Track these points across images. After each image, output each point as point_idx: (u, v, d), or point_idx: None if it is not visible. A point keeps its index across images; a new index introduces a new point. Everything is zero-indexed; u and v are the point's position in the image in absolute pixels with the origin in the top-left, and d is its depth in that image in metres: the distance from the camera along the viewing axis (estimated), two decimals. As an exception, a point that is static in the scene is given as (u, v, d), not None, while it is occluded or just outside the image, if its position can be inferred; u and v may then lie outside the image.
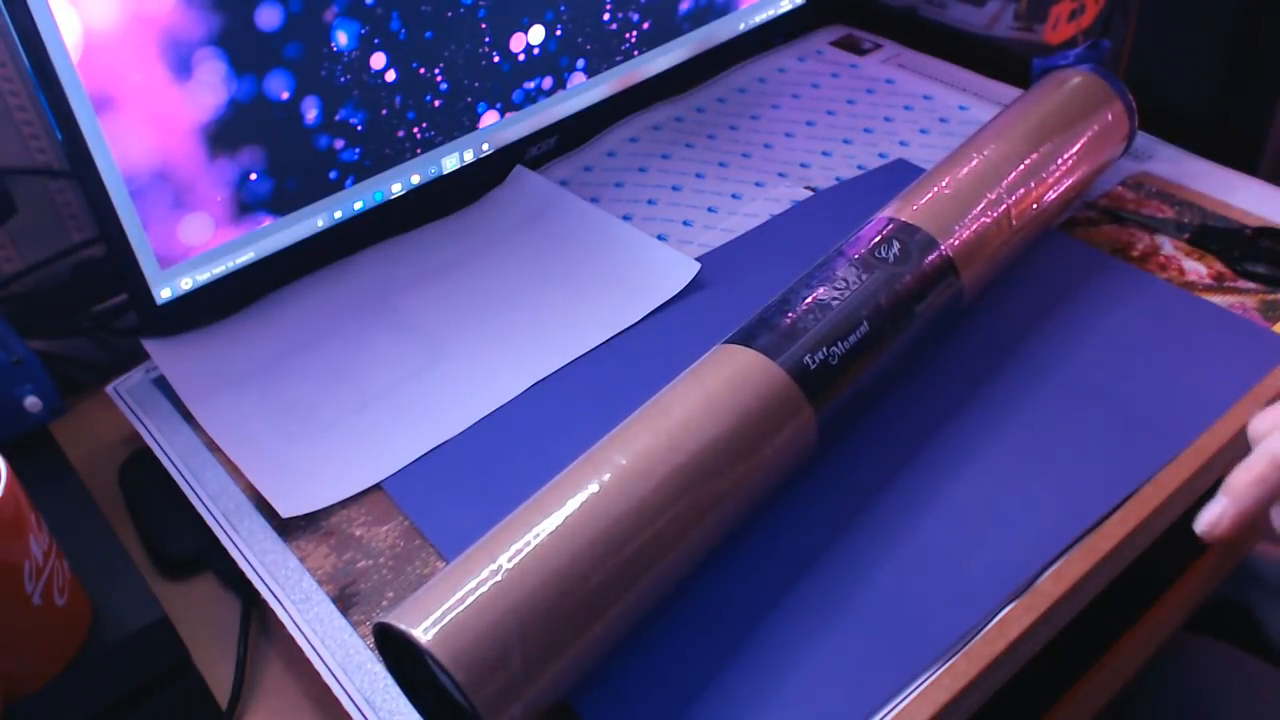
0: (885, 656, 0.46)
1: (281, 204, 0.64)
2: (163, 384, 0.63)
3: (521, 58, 0.72)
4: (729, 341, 0.52)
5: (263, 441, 0.59)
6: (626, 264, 0.68)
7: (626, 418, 0.49)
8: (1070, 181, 0.64)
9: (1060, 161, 0.63)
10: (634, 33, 0.77)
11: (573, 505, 0.44)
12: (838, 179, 0.75)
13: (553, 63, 0.74)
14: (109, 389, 0.64)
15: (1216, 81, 0.74)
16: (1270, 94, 0.74)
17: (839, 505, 0.52)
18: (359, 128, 0.65)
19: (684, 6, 0.79)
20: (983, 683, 0.46)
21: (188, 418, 0.61)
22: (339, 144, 0.65)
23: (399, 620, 0.41)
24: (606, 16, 0.75)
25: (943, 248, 0.56)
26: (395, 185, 0.69)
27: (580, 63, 0.75)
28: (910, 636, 0.47)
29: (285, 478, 0.57)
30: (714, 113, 0.83)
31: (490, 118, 0.72)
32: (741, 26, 0.85)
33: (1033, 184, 0.61)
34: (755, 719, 0.44)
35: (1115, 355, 0.59)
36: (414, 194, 0.71)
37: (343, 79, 0.63)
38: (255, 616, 0.55)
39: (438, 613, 0.41)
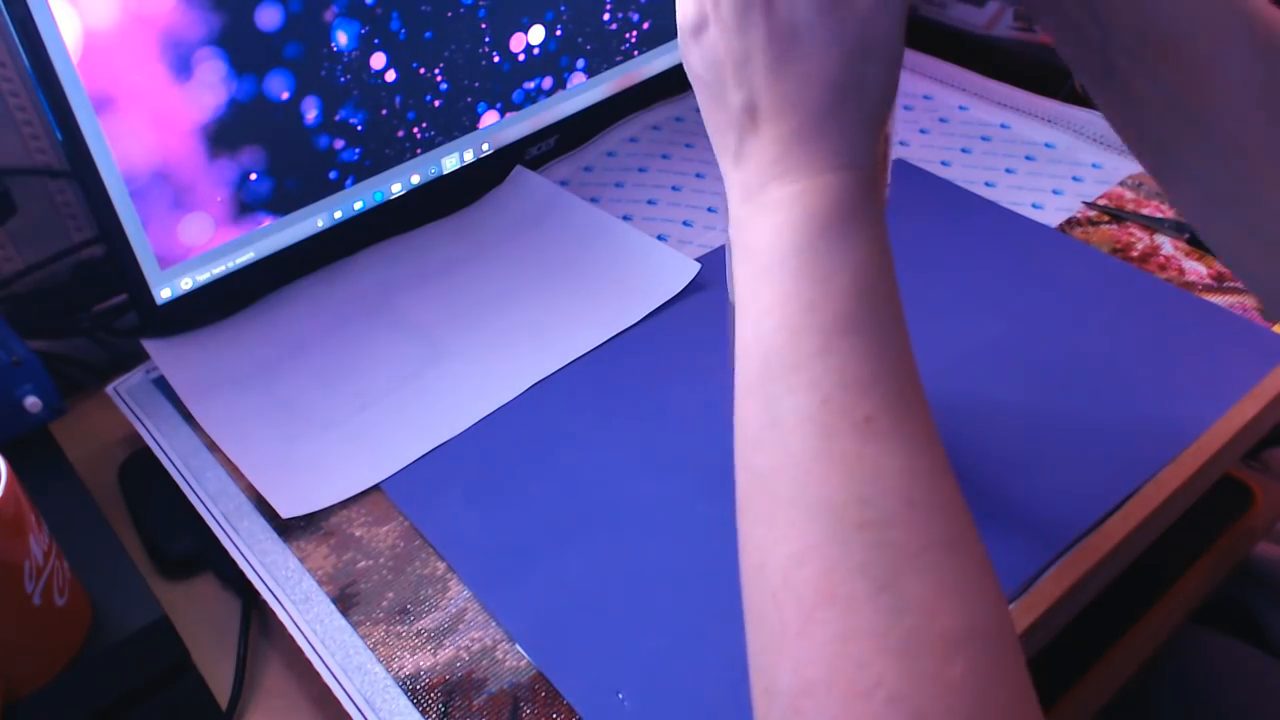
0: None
1: (281, 204, 0.64)
2: (163, 384, 0.63)
3: (521, 58, 0.71)
4: None
5: (263, 441, 0.59)
6: (627, 264, 0.68)
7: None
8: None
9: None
10: (634, 33, 0.77)
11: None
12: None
13: (553, 63, 0.74)
14: (109, 389, 0.64)
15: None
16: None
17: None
18: (359, 128, 0.65)
19: (684, 6, 0.79)
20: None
21: (188, 418, 0.61)
22: (339, 144, 0.65)
23: None
24: (606, 16, 0.75)
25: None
26: (395, 185, 0.69)
27: (580, 63, 0.75)
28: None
29: (285, 478, 0.57)
30: (714, 113, 0.83)
31: (490, 118, 0.72)
32: (741, 26, 0.85)
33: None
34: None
35: (1115, 355, 0.59)
36: (414, 194, 0.71)
37: (343, 79, 0.63)
38: (255, 616, 0.55)
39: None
